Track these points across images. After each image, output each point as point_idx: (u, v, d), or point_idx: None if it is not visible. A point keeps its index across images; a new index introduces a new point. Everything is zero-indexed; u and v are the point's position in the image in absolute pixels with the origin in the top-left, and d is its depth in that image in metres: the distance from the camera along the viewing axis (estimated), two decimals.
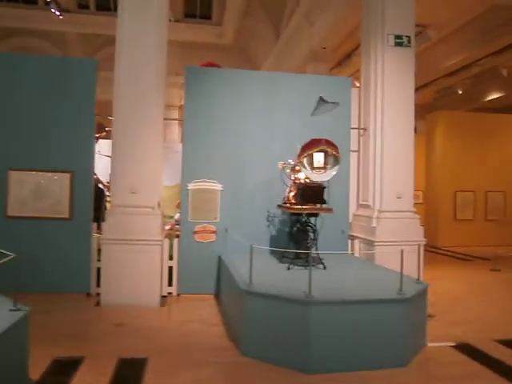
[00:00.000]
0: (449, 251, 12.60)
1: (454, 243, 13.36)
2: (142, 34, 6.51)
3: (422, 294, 4.72)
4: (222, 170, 7.01)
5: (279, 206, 6.40)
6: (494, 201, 14.50)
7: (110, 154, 7.22)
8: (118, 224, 6.26)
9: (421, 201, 14.71)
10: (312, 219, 6.01)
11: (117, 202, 6.44)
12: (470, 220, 14.18)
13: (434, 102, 14.61)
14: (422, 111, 8.11)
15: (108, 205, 8.06)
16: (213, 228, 6.91)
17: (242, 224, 6.89)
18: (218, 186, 6.96)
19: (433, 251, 12.11)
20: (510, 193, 14.49)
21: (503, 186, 14.48)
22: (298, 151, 5.76)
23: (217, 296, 6.68)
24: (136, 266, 6.21)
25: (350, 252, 7.28)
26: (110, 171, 7.12)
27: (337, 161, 5.75)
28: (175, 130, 15.93)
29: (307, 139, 5.76)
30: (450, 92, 13.87)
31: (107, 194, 8.39)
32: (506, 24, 9.83)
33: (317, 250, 5.73)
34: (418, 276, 4.92)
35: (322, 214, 5.92)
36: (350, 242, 7.47)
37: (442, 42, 11.08)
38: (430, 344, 4.66)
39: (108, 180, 8.48)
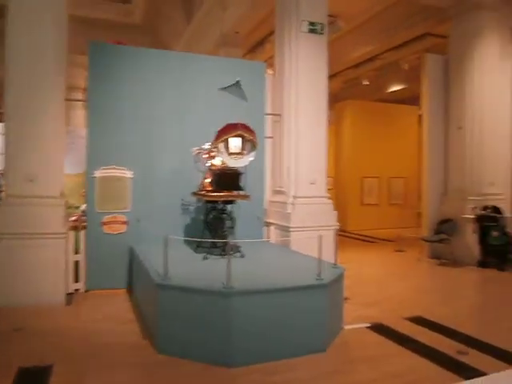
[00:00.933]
0: (357, 234, 13.24)
1: (362, 227, 14.09)
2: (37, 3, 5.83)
3: (339, 278, 4.79)
4: (132, 156, 6.56)
5: (194, 194, 6.15)
6: (396, 186, 15.50)
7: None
8: (14, 216, 5.59)
9: (330, 187, 15.28)
10: (228, 206, 5.85)
11: (11, 192, 5.76)
12: (375, 204, 15.04)
13: (341, 92, 15.17)
14: (331, 100, 8.33)
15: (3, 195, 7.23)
16: (123, 218, 6.47)
17: (155, 213, 6.54)
18: (128, 174, 6.52)
19: (342, 235, 12.61)
20: (410, 179, 15.57)
21: (404, 173, 15.52)
22: (214, 136, 5.54)
23: (129, 290, 6.28)
24: (37, 261, 5.61)
25: (266, 239, 7.25)
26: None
27: (254, 146, 5.63)
28: (80, 113, 14.82)
29: (222, 124, 5.55)
30: (357, 83, 14.47)
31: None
32: (406, 19, 10.38)
33: (234, 238, 5.59)
34: (335, 260, 4.99)
35: (238, 201, 5.78)
36: (265, 228, 7.44)
37: (350, 34, 11.43)
38: (346, 327, 4.76)
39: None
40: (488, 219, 8.34)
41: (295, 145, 7.37)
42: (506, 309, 5.89)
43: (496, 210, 8.46)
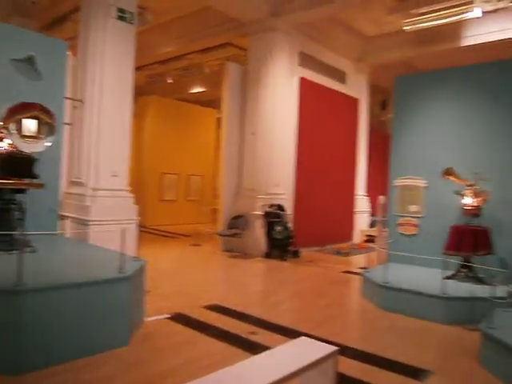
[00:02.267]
0: (155, 229, 13.29)
1: (160, 222, 14.20)
2: None
3: (141, 271, 4.76)
4: None
5: None
6: (194, 183, 16.12)
7: None
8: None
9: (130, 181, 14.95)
10: (18, 196, 5.19)
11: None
12: (173, 200, 15.34)
13: (146, 87, 14.99)
14: (135, 93, 8.14)
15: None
16: None
17: None
18: None
19: (141, 230, 12.48)
20: (206, 176, 16.41)
21: (202, 171, 16.27)
22: (3, 113, 4.84)
23: None
24: None
25: (60, 232, 6.68)
26: None
27: (52, 131, 5.14)
28: None
29: (14, 102, 4.90)
30: (162, 79, 14.51)
31: None
32: (212, 27, 10.93)
33: (24, 231, 4.98)
34: (136, 254, 4.94)
35: (30, 190, 5.19)
36: (61, 222, 6.85)
37: (158, 29, 11.41)
38: (147, 319, 4.76)
39: None
40: (273, 216, 9.43)
41: (97, 134, 7.02)
42: (285, 293, 6.79)
43: (280, 207, 9.63)
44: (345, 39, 11.78)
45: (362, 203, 12.78)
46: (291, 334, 4.48)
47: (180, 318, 4.93)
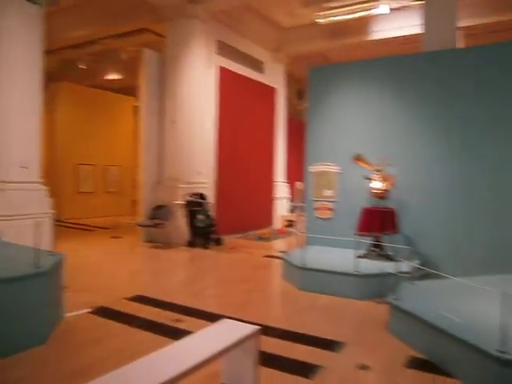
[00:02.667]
0: (73, 223, 12.70)
1: (78, 215, 13.60)
2: None
3: (58, 266, 4.59)
4: None
5: None
6: (111, 174, 15.58)
7: None
8: None
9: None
10: None
11: None
12: (91, 192, 14.73)
13: (57, 72, 14.12)
14: (45, 79, 7.60)
15: None
16: None
17: None
18: None
19: (58, 224, 11.87)
20: (125, 167, 15.92)
21: (119, 161, 15.76)
22: None
23: None
24: None
25: None
26: None
27: None
28: None
29: None
30: (74, 65, 13.77)
31: None
32: (128, 10, 10.55)
33: None
34: (52, 248, 4.75)
35: None
36: None
37: (71, 11, 10.80)
38: (67, 314, 4.61)
39: None
40: (195, 204, 9.45)
41: (5, 123, 6.56)
42: (209, 280, 6.90)
43: (201, 196, 9.66)
44: (262, 29, 11.99)
45: (281, 189, 13.19)
46: (216, 318, 4.55)
47: (102, 312, 4.84)
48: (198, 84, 9.90)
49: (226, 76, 10.64)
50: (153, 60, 10.08)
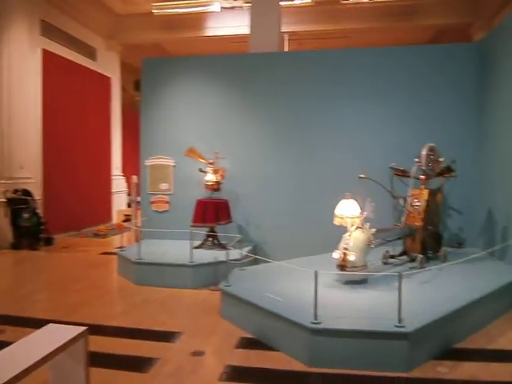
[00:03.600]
0: None
1: None
2: None
3: None
4: None
5: None
6: None
7: None
8: None
9: None
10: None
11: None
12: None
13: None
14: None
15: None
16: None
17: None
18: None
19: None
20: None
21: None
22: None
23: None
24: None
25: None
26: None
27: None
28: None
29: None
30: None
31: None
32: None
33: None
34: None
35: None
36: None
37: None
38: None
39: None
40: (19, 202, 8.55)
41: None
42: (37, 283, 6.35)
43: (26, 192, 8.77)
44: (94, 13, 11.30)
45: (118, 183, 12.74)
46: (44, 324, 4.28)
47: None
48: (19, 68, 8.91)
49: (52, 61, 9.77)
50: None
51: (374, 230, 4.80)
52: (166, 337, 4.18)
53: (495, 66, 6.28)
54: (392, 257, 5.68)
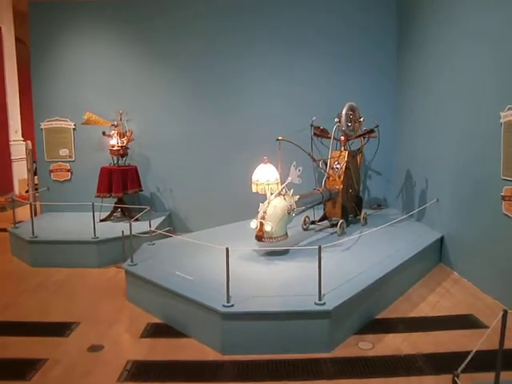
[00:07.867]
0: None
1: None
2: None
3: None
4: None
5: None
6: None
7: None
8: None
9: None
10: None
11: None
12: None
13: None
14: None
15: None
16: None
17: None
18: None
19: None
20: None
21: None
22: None
23: None
24: None
25: None
26: None
27: None
28: None
29: None
30: None
31: None
32: None
33: None
34: None
35: None
36: None
37: None
38: None
39: None
40: None
41: None
42: None
43: None
44: None
45: (18, 149, 11.33)
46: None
47: None
48: None
49: None
50: None
51: (297, 196, 4.46)
52: (58, 330, 3.59)
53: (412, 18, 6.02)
54: (313, 222, 5.44)
